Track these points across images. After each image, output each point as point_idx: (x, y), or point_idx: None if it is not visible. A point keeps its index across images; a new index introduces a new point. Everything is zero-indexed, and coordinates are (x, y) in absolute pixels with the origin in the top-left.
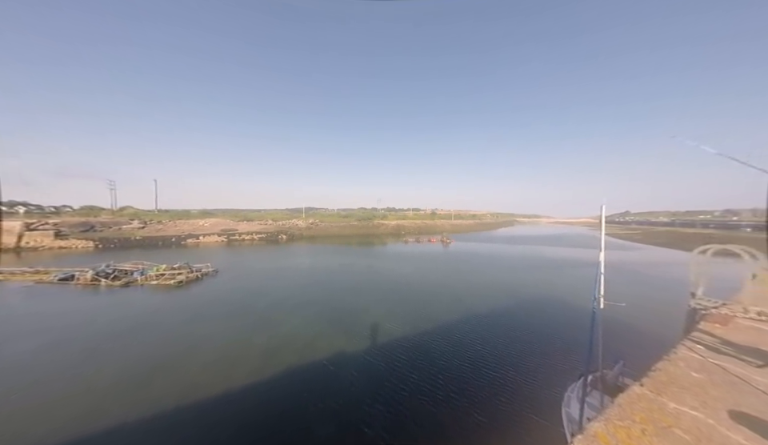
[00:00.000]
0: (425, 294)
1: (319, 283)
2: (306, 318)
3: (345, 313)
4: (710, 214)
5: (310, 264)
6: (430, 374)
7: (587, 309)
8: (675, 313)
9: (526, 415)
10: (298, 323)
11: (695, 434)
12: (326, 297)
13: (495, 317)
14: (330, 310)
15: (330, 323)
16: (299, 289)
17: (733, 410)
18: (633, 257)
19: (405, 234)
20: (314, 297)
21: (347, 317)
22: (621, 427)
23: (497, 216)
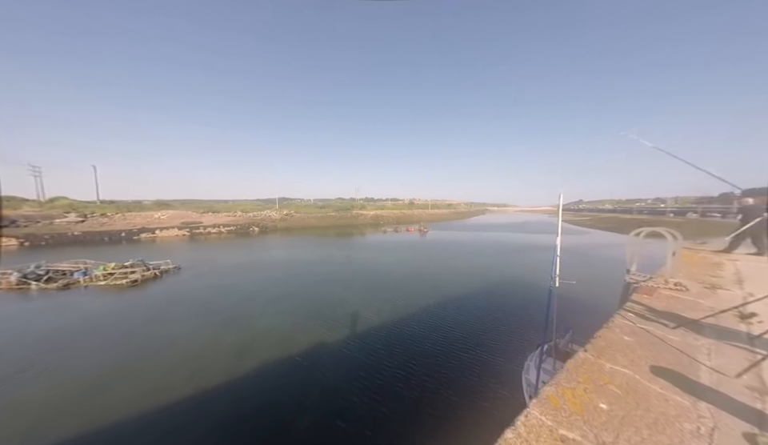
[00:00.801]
0: (402, 282)
1: (295, 276)
2: (282, 312)
3: (322, 305)
4: (644, 202)
5: (285, 257)
6: (405, 360)
7: (545, 287)
8: (614, 287)
9: (493, 387)
10: (273, 318)
11: (624, 388)
12: (302, 290)
13: (466, 300)
14: (306, 303)
15: (307, 316)
16: (274, 283)
17: (653, 365)
18: (583, 240)
19: (383, 224)
20: (290, 290)
21: (325, 309)
22: (567, 389)
23: (470, 205)
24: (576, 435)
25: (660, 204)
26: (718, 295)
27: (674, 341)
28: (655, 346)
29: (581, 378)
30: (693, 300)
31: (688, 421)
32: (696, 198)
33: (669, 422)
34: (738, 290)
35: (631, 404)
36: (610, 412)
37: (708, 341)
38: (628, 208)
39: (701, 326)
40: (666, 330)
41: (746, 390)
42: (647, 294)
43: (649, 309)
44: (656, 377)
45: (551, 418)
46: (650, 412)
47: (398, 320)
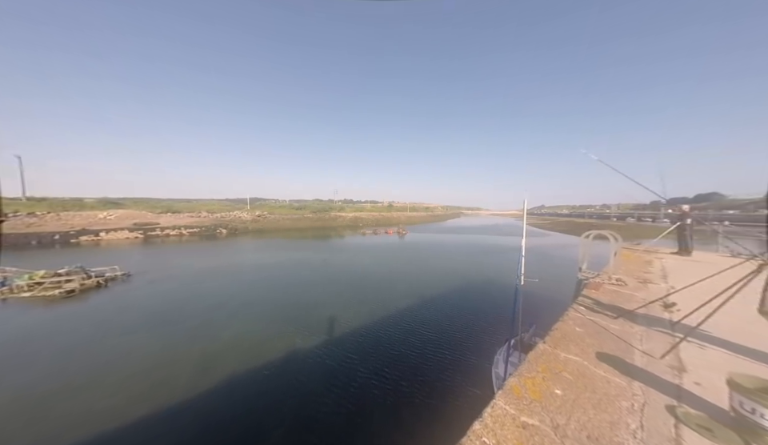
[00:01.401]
0: (380, 284)
1: (267, 281)
2: (252, 319)
3: (297, 310)
4: (594, 208)
5: (256, 261)
6: (381, 365)
7: (512, 285)
8: (569, 283)
9: (467, 385)
10: (242, 326)
11: (575, 374)
12: (275, 295)
13: (441, 300)
14: (280, 309)
15: (281, 322)
16: (243, 288)
17: (598, 352)
18: (544, 241)
19: (362, 226)
20: (262, 296)
21: (300, 314)
22: (528, 378)
23: (447, 209)
24: (535, 421)
25: (606, 210)
26: (649, 289)
27: (615, 329)
28: (600, 335)
29: (540, 368)
30: (630, 293)
31: (625, 399)
32: (633, 205)
33: (610, 402)
34: (663, 284)
35: (581, 388)
36: (564, 397)
37: (641, 328)
38: (581, 213)
39: (635, 315)
40: (609, 320)
41: (668, 369)
42: (594, 289)
43: (596, 302)
44: (600, 362)
45: (514, 406)
46: (596, 393)
47: (374, 323)
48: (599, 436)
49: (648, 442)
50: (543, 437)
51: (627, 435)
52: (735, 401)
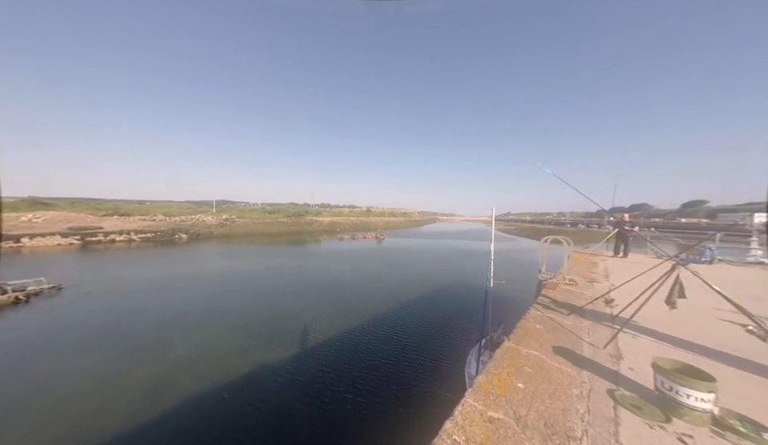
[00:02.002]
0: (357, 291)
1: (232, 291)
2: (213, 334)
3: (266, 322)
4: (551, 215)
5: (220, 269)
6: (354, 378)
7: (483, 287)
8: (531, 284)
9: (443, 389)
10: (201, 342)
11: (535, 368)
12: (242, 307)
13: (417, 306)
14: (245, 322)
15: (245, 337)
16: (205, 300)
17: (554, 346)
18: (511, 246)
19: (340, 231)
20: (226, 308)
21: (268, 326)
22: (495, 375)
23: (423, 214)
24: (500, 414)
25: (561, 217)
26: (594, 287)
27: (568, 324)
28: (556, 330)
29: (505, 364)
30: (580, 292)
31: (575, 387)
32: (583, 213)
33: (563, 390)
34: (606, 282)
35: (539, 380)
36: (525, 389)
37: (588, 322)
38: (541, 219)
39: (584, 311)
40: (563, 316)
41: (609, 358)
42: (552, 289)
43: (553, 300)
44: (556, 355)
45: (482, 403)
46: (551, 384)
47: (350, 333)
48: (554, 423)
49: (593, 424)
50: (507, 429)
51: (577, 420)
52: (658, 381)
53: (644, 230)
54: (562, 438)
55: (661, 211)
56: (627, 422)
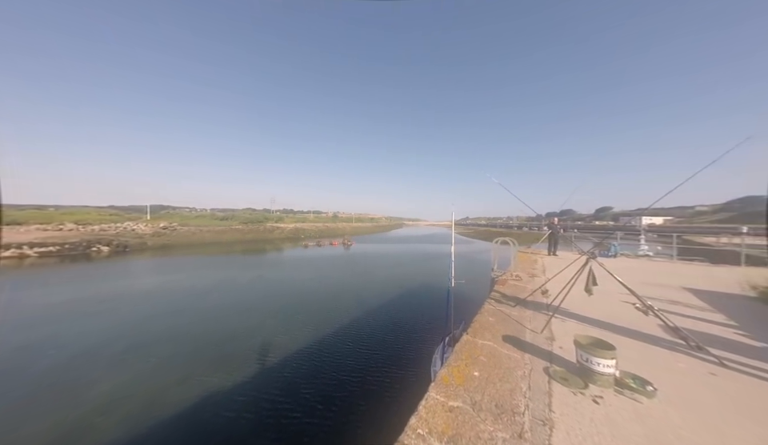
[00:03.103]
0: (324, 300)
1: (175, 312)
2: (148, 364)
3: (217, 343)
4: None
5: (158, 286)
6: (320, 392)
7: (445, 288)
8: (486, 281)
9: (409, 392)
10: (132, 376)
11: (488, 356)
12: (186, 328)
13: (385, 311)
14: (192, 346)
15: (192, 363)
16: (136, 325)
17: (504, 335)
18: (469, 248)
19: (304, 237)
20: (165, 331)
21: (221, 348)
22: (455, 367)
23: (390, 219)
24: (459, 403)
25: (510, 221)
26: (535, 281)
27: (515, 315)
28: (505, 321)
29: (463, 356)
30: (523, 286)
31: (519, 369)
32: (526, 217)
33: (510, 373)
34: (543, 276)
35: (492, 367)
36: (480, 377)
37: (530, 312)
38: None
39: (526, 302)
40: (510, 308)
41: (545, 340)
42: (502, 285)
43: (503, 295)
44: (505, 343)
45: (443, 394)
46: (501, 369)
47: (313, 346)
48: (503, 403)
49: (533, 399)
50: (465, 415)
51: (521, 397)
52: (578, 355)
53: (569, 231)
54: (509, 415)
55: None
56: (557, 393)
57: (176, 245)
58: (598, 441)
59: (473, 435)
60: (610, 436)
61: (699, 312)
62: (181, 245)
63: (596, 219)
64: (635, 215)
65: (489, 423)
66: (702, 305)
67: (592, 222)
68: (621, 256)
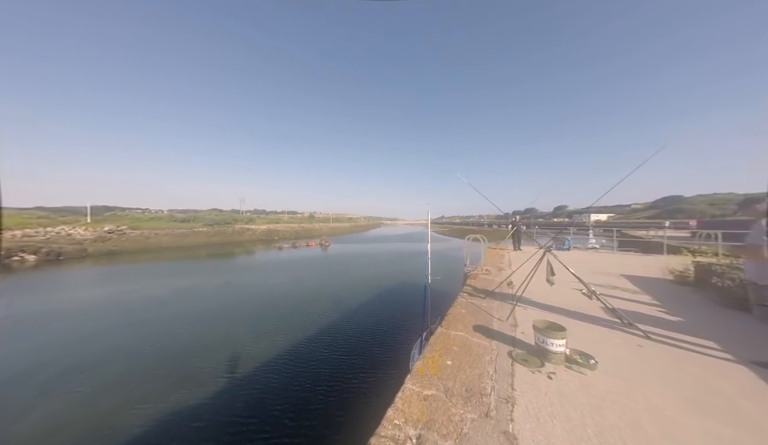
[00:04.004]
0: (300, 303)
1: (125, 326)
2: (92, 387)
3: (177, 357)
4: (474, 217)
5: (100, 299)
6: (297, 401)
7: (422, 284)
8: (460, 276)
9: (390, 392)
10: (74, 401)
11: (460, 345)
12: (137, 344)
13: (363, 311)
14: (146, 363)
15: (146, 383)
16: (76, 343)
17: (474, 325)
18: (444, 246)
19: (279, 239)
20: (113, 349)
21: (181, 362)
22: (429, 358)
23: (369, 219)
24: (433, 391)
25: (482, 219)
26: (502, 274)
27: (484, 306)
28: (476, 313)
29: (438, 347)
30: (492, 279)
31: (487, 355)
32: (495, 216)
33: (478, 359)
34: (508, 269)
35: (463, 355)
36: (453, 365)
37: (497, 302)
38: (467, 221)
39: (494, 294)
40: (480, 300)
41: (509, 327)
42: (473, 279)
43: (474, 288)
44: (475, 332)
45: (419, 384)
46: (471, 356)
47: (289, 353)
48: (472, 387)
49: (498, 380)
50: (438, 402)
51: (488, 380)
52: (536, 338)
53: (531, 228)
54: (477, 397)
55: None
56: (519, 373)
57: (126, 251)
58: (550, 411)
59: (445, 419)
60: (560, 406)
61: (632, 294)
62: (132, 251)
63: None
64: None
65: (459, 407)
66: (634, 288)
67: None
68: (574, 249)
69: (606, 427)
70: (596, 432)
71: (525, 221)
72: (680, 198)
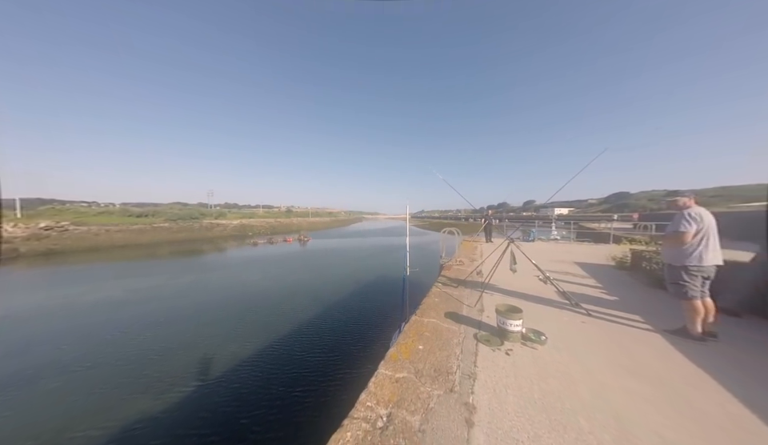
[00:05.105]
0: (277, 300)
1: (67, 335)
2: (32, 402)
3: (132, 367)
4: (451, 212)
5: (36, 306)
6: (269, 409)
7: (401, 277)
8: (436, 268)
9: (366, 374)
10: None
11: (432, 331)
12: (84, 355)
13: (343, 304)
14: (92, 376)
15: (90, 398)
16: (14, 355)
17: (446, 312)
18: (423, 239)
19: (253, 235)
20: (56, 360)
21: (139, 372)
22: (403, 344)
23: (350, 214)
24: (405, 374)
25: (459, 213)
26: (473, 264)
27: (456, 294)
28: (448, 301)
29: (411, 333)
30: (465, 269)
31: (455, 338)
32: (471, 210)
33: (447, 342)
34: (479, 260)
35: (434, 339)
36: (424, 350)
37: (468, 290)
38: (445, 216)
39: (466, 282)
40: (453, 289)
41: (476, 312)
42: (448, 270)
43: (448, 278)
44: (446, 318)
45: (391, 369)
46: (441, 340)
47: (263, 355)
48: (440, 367)
49: (463, 360)
50: (409, 383)
51: (454, 360)
52: (498, 320)
53: (502, 222)
54: (444, 376)
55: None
56: (482, 352)
57: (70, 250)
58: (505, 382)
59: (414, 397)
60: (513, 377)
61: (580, 279)
62: (78, 250)
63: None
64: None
65: (428, 386)
66: (583, 274)
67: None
68: (538, 240)
69: (549, 392)
70: (540, 396)
71: (497, 215)
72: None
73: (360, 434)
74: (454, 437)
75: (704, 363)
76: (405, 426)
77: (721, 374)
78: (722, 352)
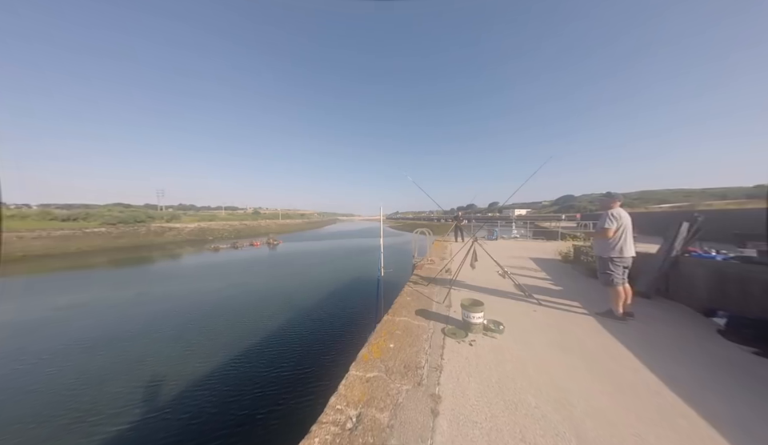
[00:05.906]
0: (242, 310)
1: None
2: None
3: (65, 395)
4: (426, 213)
5: None
6: (238, 421)
7: (375, 278)
8: (408, 268)
9: (340, 376)
10: None
11: (403, 330)
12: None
13: (316, 309)
14: (29, 407)
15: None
16: None
17: (416, 310)
18: (398, 240)
19: (214, 239)
20: None
21: (75, 401)
22: (374, 344)
23: (323, 215)
24: (375, 373)
25: (431, 214)
26: (443, 262)
27: (426, 292)
28: (419, 299)
29: (383, 333)
30: (435, 267)
31: (425, 334)
32: (443, 211)
33: (417, 338)
34: (449, 258)
35: (405, 337)
36: (395, 348)
37: (438, 288)
38: (419, 217)
39: (436, 280)
40: (423, 287)
41: (445, 308)
42: (419, 269)
43: (420, 277)
44: (417, 316)
45: (362, 369)
46: (411, 337)
47: (225, 372)
48: (410, 363)
49: (431, 354)
50: (380, 381)
51: (423, 355)
52: (463, 314)
53: (470, 222)
54: (413, 370)
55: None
56: (448, 345)
57: None
58: (468, 371)
59: (384, 394)
60: (475, 365)
61: (533, 272)
62: None
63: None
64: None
65: (397, 382)
66: (536, 267)
67: (486, 214)
68: (500, 238)
69: (505, 375)
70: (497, 380)
71: (466, 215)
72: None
73: (328, 438)
74: (420, 427)
75: (623, 339)
76: (374, 424)
77: (635, 346)
78: (636, 329)
